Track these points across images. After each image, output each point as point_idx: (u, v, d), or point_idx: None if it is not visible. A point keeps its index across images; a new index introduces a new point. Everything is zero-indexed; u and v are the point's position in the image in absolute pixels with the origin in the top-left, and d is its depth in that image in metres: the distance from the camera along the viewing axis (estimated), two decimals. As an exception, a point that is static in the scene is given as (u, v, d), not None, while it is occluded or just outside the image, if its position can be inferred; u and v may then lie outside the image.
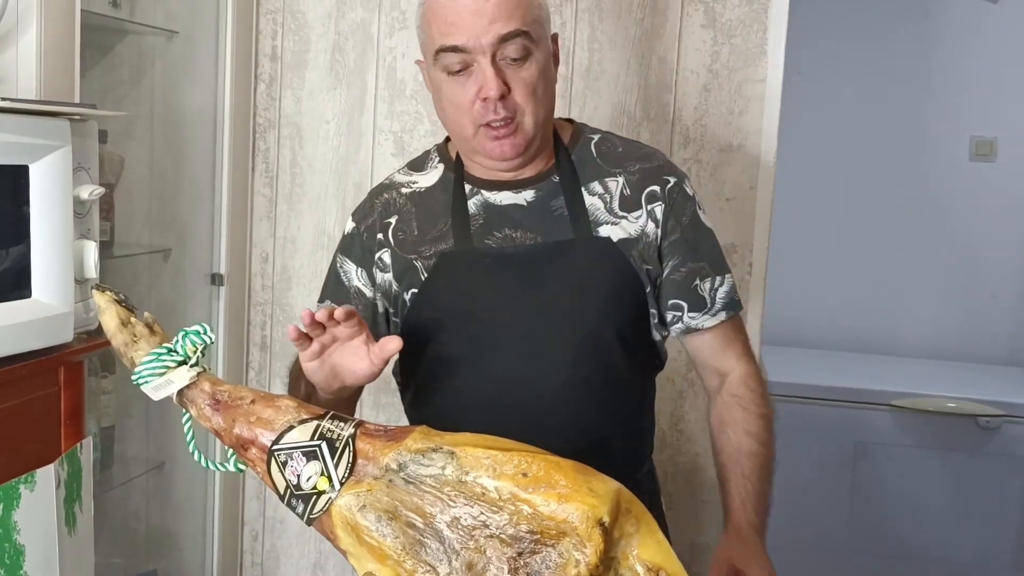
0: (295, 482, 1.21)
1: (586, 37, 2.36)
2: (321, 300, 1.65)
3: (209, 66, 2.41)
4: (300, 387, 1.51)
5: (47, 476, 1.48)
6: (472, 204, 1.54)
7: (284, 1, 2.49)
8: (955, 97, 3.54)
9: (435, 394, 1.56)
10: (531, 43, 1.44)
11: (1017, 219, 3.53)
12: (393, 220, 1.57)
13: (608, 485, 1.13)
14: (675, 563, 1.13)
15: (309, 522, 1.21)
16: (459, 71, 1.44)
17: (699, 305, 1.56)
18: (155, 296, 2.46)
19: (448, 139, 1.62)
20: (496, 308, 1.50)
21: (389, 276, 1.56)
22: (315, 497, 1.19)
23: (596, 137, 1.59)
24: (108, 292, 1.33)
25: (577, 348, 1.49)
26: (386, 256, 1.56)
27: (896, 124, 3.55)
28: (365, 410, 2.56)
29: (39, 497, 1.46)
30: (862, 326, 3.53)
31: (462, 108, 1.46)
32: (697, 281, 1.55)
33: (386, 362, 1.38)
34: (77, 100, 1.88)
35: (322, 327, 1.34)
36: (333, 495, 1.18)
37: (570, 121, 1.63)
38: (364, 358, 1.37)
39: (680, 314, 1.56)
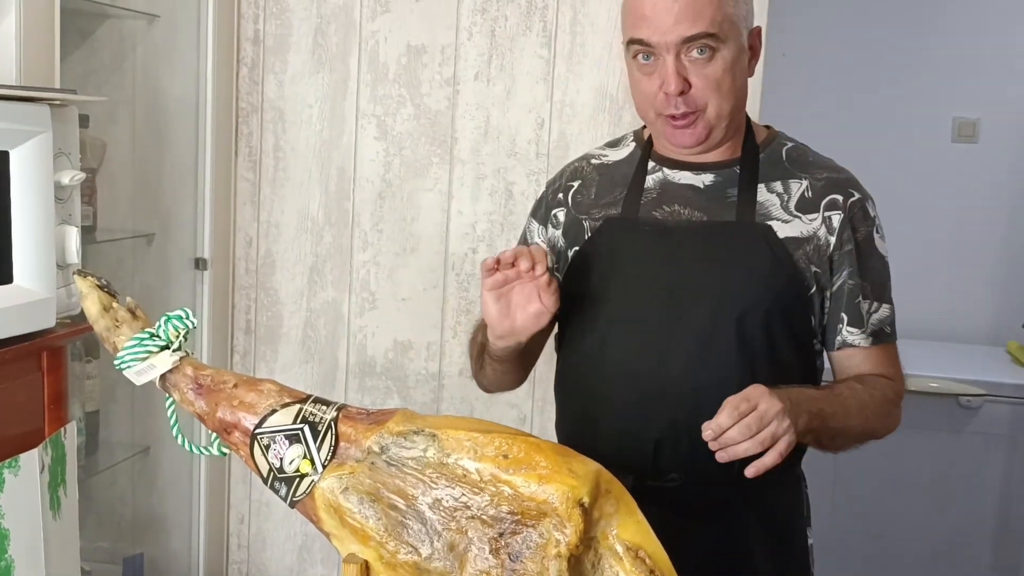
0: (278, 465, 1.21)
1: (568, 20, 2.37)
2: None
3: (191, 50, 2.40)
4: (478, 337, 1.60)
5: (31, 461, 1.48)
6: (651, 179, 1.58)
7: (266, -16, 2.48)
8: (937, 78, 3.55)
9: (576, 355, 1.60)
10: (717, 42, 1.45)
11: (999, 200, 3.55)
12: (576, 184, 1.65)
13: (588, 466, 1.14)
14: (654, 542, 1.14)
15: (292, 505, 1.21)
16: (647, 62, 1.49)
17: (858, 321, 1.54)
18: (139, 281, 2.46)
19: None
20: (641, 276, 1.53)
21: (559, 232, 1.64)
22: (298, 480, 1.20)
23: (790, 144, 1.61)
24: (90, 277, 1.32)
25: (715, 324, 1.48)
26: (561, 214, 1.64)
27: (878, 106, 3.56)
28: (350, 393, 2.57)
29: (23, 482, 1.47)
30: (845, 307, 3.55)
31: (646, 96, 1.51)
32: (859, 299, 1.54)
33: (552, 304, 1.41)
34: (57, 85, 1.88)
35: (511, 266, 1.39)
36: (316, 478, 1.19)
37: (768, 127, 1.65)
38: (536, 300, 1.41)
39: (841, 326, 1.55)
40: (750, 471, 1.29)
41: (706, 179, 1.55)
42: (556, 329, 1.68)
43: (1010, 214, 3.55)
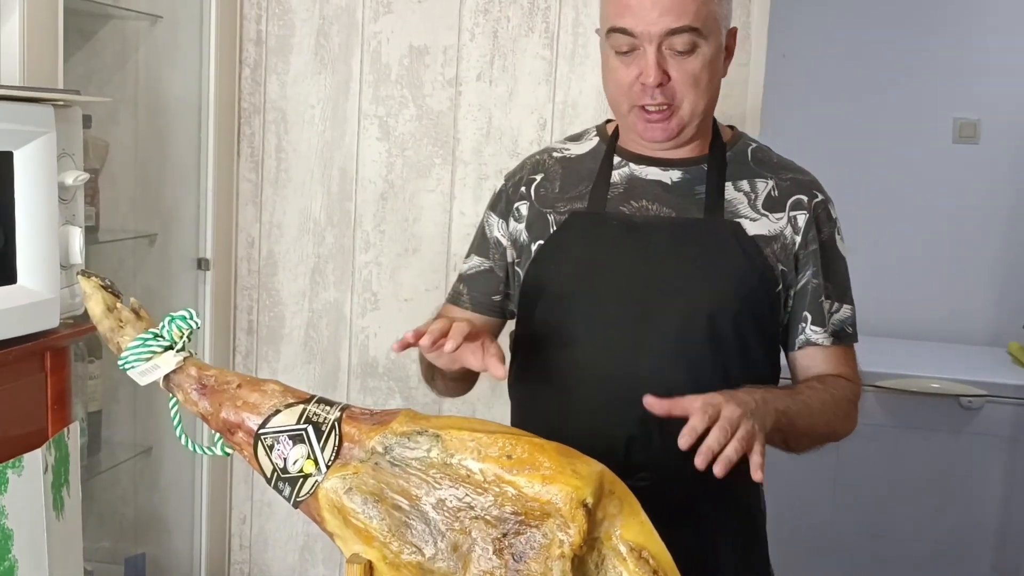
0: (282, 465, 1.21)
1: (570, 21, 2.37)
2: (468, 254, 1.68)
3: (193, 51, 2.41)
4: (425, 362, 1.56)
5: (34, 461, 1.49)
6: (617, 174, 1.57)
7: (268, -15, 2.49)
8: (937, 79, 3.55)
9: (541, 352, 1.56)
10: (699, 37, 1.45)
11: (1000, 201, 3.55)
12: (538, 177, 1.61)
13: (592, 467, 1.15)
14: (657, 543, 1.14)
15: (296, 505, 1.22)
16: (626, 52, 1.47)
17: (820, 320, 1.55)
18: (141, 281, 2.46)
19: (608, 120, 1.65)
20: (610, 272, 1.51)
21: (521, 226, 1.60)
22: (302, 480, 1.20)
23: (754, 144, 1.61)
24: (94, 278, 1.33)
25: (687, 322, 1.47)
26: (523, 207, 1.60)
27: (879, 107, 3.57)
28: (352, 393, 2.57)
29: (26, 482, 1.47)
30: (846, 308, 3.56)
31: (622, 87, 1.49)
32: (822, 298, 1.55)
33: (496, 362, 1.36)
34: (61, 86, 1.88)
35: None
36: (319, 478, 1.19)
37: (732, 127, 1.65)
38: (479, 359, 1.36)
39: (804, 325, 1.55)
40: (719, 468, 1.22)
41: (674, 175, 1.54)
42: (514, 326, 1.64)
43: (1010, 215, 3.56)
